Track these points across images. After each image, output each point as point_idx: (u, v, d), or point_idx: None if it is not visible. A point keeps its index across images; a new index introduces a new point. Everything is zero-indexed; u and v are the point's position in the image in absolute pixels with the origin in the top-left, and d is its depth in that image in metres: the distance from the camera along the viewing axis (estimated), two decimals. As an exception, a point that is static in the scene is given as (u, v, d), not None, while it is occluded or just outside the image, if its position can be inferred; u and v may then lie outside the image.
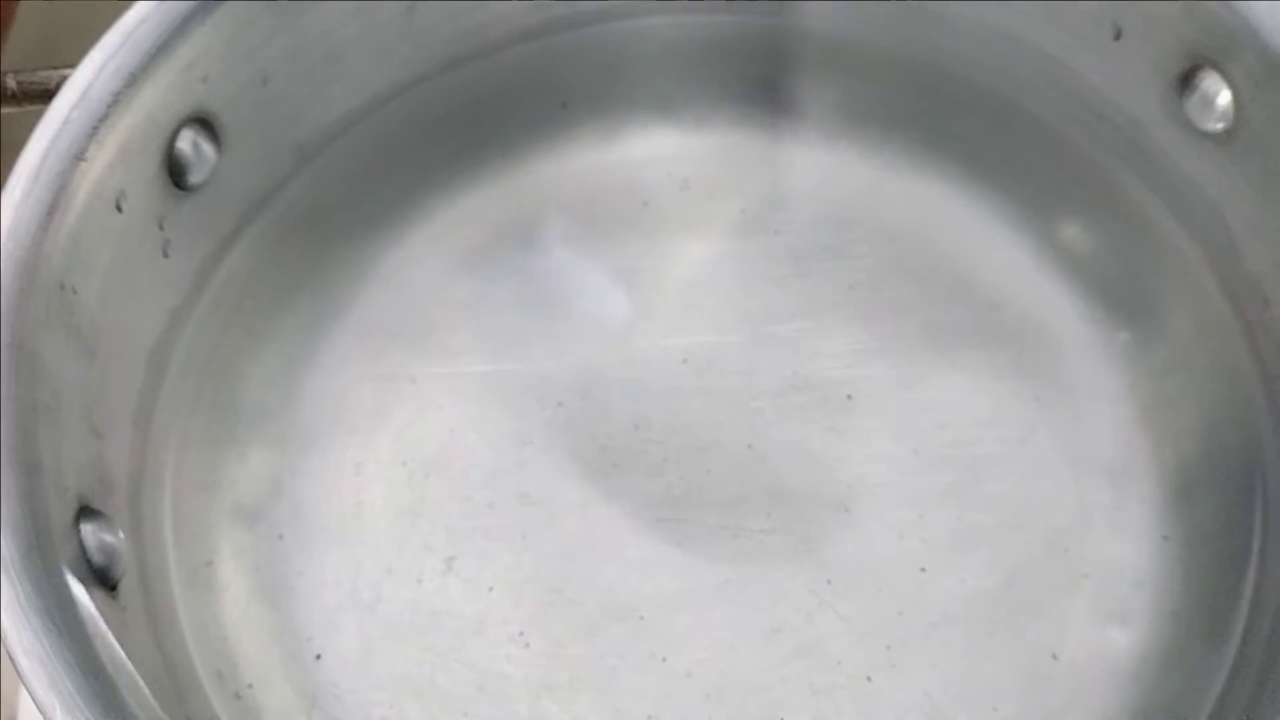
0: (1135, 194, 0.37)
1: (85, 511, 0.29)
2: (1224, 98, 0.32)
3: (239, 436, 0.36)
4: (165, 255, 0.33)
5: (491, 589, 0.35)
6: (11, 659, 0.25)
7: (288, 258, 0.37)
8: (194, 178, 0.33)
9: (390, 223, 0.39)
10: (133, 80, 0.31)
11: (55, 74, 0.31)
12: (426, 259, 0.38)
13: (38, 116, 0.30)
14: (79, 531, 0.29)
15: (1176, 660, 0.33)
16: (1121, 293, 0.37)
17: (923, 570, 0.34)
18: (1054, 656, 0.33)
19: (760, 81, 0.40)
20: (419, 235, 0.39)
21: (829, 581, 0.34)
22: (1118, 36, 0.34)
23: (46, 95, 0.31)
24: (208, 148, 0.34)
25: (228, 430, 0.36)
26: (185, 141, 0.33)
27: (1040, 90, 0.37)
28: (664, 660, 0.34)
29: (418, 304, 0.38)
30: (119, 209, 0.31)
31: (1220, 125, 0.33)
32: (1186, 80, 0.33)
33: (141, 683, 0.27)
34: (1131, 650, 0.33)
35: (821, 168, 0.39)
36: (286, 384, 0.37)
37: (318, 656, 0.34)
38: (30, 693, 0.24)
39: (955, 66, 0.38)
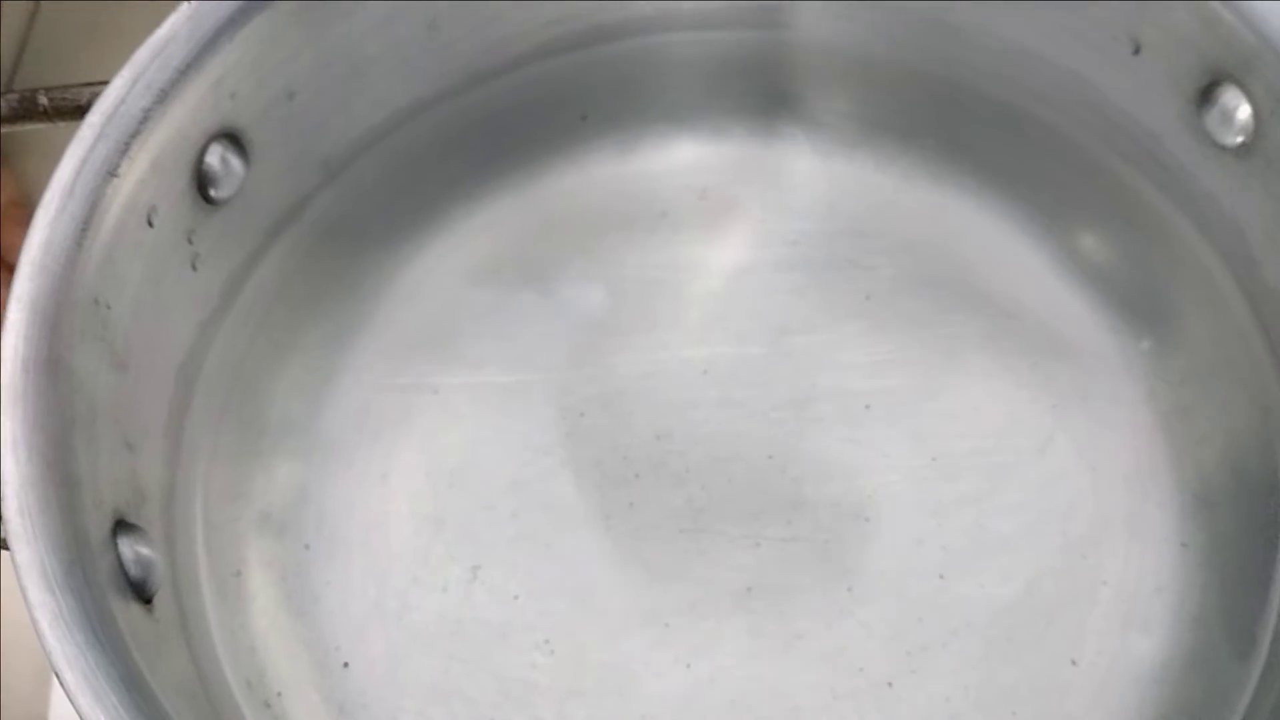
0: (1154, 205, 0.37)
1: (121, 525, 0.30)
2: (1244, 112, 0.32)
3: (265, 447, 0.36)
4: (194, 269, 0.34)
5: (516, 597, 0.35)
6: (56, 674, 0.25)
7: (313, 270, 0.37)
8: (222, 192, 0.34)
9: (413, 234, 0.39)
10: (163, 96, 0.31)
11: (87, 90, 0.31)
12: (449, 270, 0.39)
13: (69, 132, 0.30)
14: (116, 545, 0.29)
15: (1199, 667, 0.33)
16: (1139, 301, 0.37)
17: (942, 577, 0.35)
18: (1073, 663, 0.34)
19: (777, 94, 0.40)
20: (442, 246, 0.39)
21: (850, 589, 0.35)
22: (1137, 51, 0.34)
23: (79, 111, 0.31)
24: (236, 162, 0.34)
25: (254, 441, 0.36)
26: (214, 156, 0.33)
27: (1058, 102, 0.37)
28: (688, 667, 0.34)
29: (440, 315, 0.38)
30: (150, 224, 0.31)
31: (1240, 139, 0.33)
32: (1206, 95, 0.33)
33: (180, 694, 0.28)
34: (1152, 657, 0.34)
35: (839, 179, 0.39)
36: (312, 395, 0.37)
37: (345, 665, 0.34)
38: (76, 707, 0.25)
39: (972, 79, 0.38)
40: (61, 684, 0.25)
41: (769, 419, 0.37)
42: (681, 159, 0.40)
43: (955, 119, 0.39)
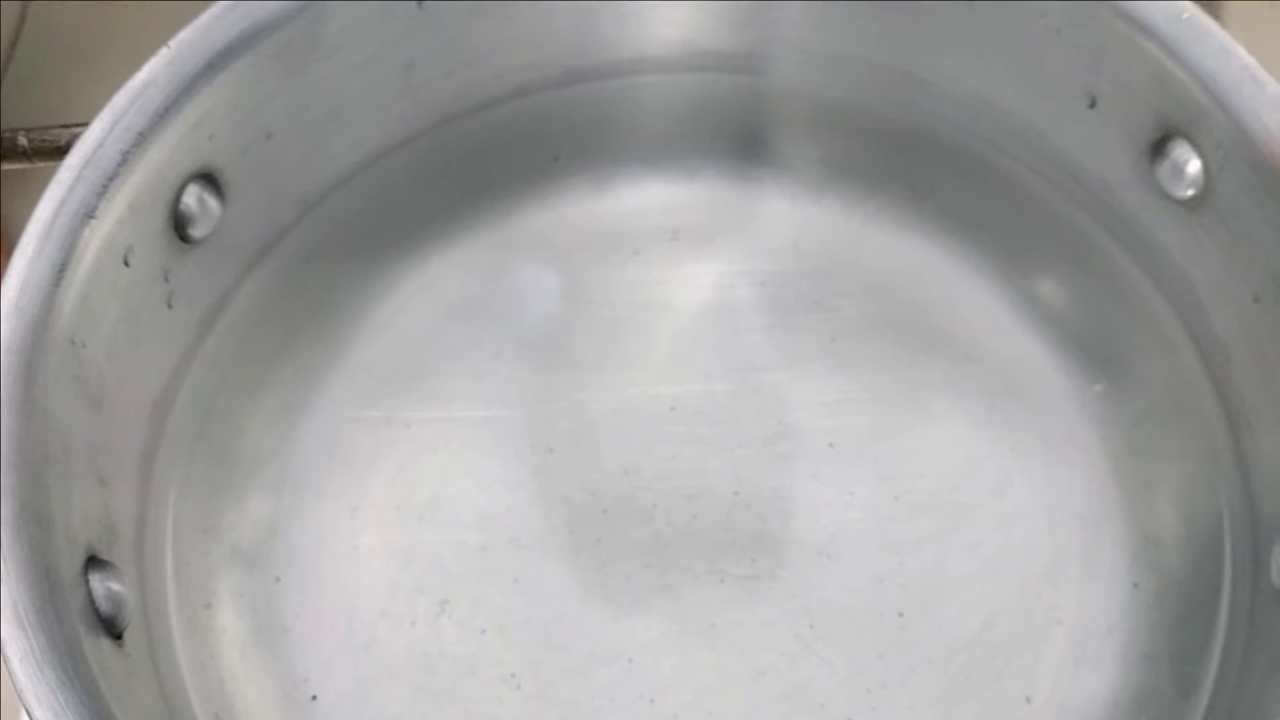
0: (1109, 253, 0.38)
1: (93, 561, 0.30)
2: (1194, 166, 0.33)
3: (237, 481, 0.37)
4: (170, 306, 0.34)
5: (484, 631, 0.35)
6: (27, 711, 0.25)
7: (287, 305, 0.38)
8: (199, 231, 0.34)
9: (387, 271, 0.39)
10: (142, 139, 0.31)
11: (66, 132, 0.32)
12: (421, 307, 0.39)
13: (49, 173, 0.31)
14: (88, 581, 0.29)
15: (1148, 704, 0.34)
16: (1094, 346, 0.38)
17: (901, 615, 0.35)
18: (1028, 700, 0.34)
19: (748, 137, 0.41)
20: (414, 283, 0.39)
21: (811, 626, 0.35)
22: (1092, 105, 0.35)
23: (58, 152, 0.31)
24: (212, 202, 0.34)
25: (226, 475, 0.36)
26: (191, 197, 0.34)
27: (1018, 152, 0.38)
28: (651, 702, 0.34)
29: (412, 351, 0.39)
30: (127, 264, 0.32)
31: (1190, 192, 0.34)
32: (1158, 148, 0.34)
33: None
34: (1104, 695, 0.34)
35: (806, 221, 0.40)
36: (283, 429, 0.37)
37: (314, 698, 0.34)
38: (46, 745, 0.25)
39: (937, 127, 0.39)
40: (31, 721, 0.25)
41: (735, 456, 0.37)
42: (653, 199, 0.41)
43: (919, 166, 0.40)
